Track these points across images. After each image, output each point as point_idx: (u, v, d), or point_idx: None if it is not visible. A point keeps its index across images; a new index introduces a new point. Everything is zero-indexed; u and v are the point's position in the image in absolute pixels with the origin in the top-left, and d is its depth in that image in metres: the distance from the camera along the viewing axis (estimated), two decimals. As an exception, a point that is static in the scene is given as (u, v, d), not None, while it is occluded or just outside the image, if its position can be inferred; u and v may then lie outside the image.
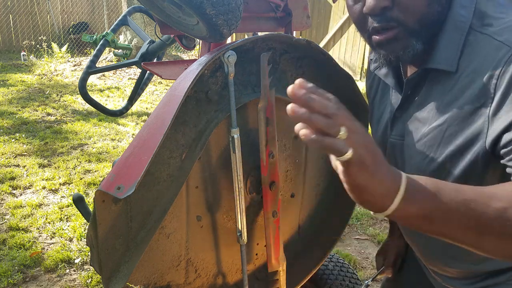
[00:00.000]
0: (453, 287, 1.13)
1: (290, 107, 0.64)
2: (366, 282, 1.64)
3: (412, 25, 0.89)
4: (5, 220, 3.21)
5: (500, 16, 0.87)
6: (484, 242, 0.65)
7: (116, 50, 2.04)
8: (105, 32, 1.87)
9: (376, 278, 1.40)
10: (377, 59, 1.01)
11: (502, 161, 0.80)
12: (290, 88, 0.65)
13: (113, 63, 7.74)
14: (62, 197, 3.61)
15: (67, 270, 2.69)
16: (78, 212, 2.12)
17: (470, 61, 0.87)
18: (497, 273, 1.01)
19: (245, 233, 1.27)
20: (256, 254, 1.48)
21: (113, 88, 7.39)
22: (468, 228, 0.64)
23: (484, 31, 0.87)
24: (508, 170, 0.77)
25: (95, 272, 2.66)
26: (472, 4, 0.90)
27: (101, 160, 4.37)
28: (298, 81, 0.67)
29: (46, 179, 3.87)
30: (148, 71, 1.89)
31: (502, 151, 0.79)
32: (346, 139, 0.63)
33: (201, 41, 1.57)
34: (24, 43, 10.29)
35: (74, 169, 4.11)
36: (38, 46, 9.81)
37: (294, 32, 1.64)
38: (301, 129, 0.64)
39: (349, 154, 0.63)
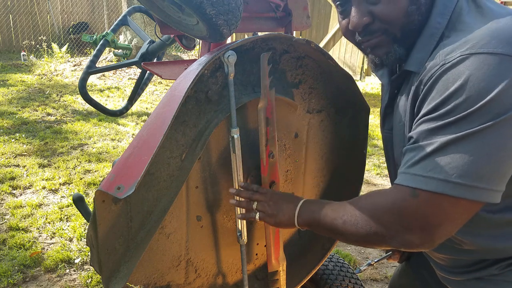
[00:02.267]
0: (445, 276, 1.16)
1: (230, 202, 1.21)
2: (369, 261, 1.65)
3: (394, 32, 0.99)
4: (5, 220, 3.20)
5: (463, 28, 0.92)
6: (339, 238, 1.04)
7: (116, 50, 2.04)
8: (105, 32, 1.87)
9: (382, 261, 1.41)
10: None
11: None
12: (231, 191, 1.21)
13: (113, 63, 7.74)
14: (62, 197, 3.61)
15: (67, 270, 2.69)
16: (78, 212, 2.12)
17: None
18: (480, 268, 1.04)
19: (245, 233, 1.27)
20: (256, 254, 1.48)
21: (113, 88, 7.39)
22: (327, 231, 1.04)
23: (444, 41, 0.94)
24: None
25: (95, 272, 2.65)
26: (449, 12, 0.96)
27: (101, 160, 4.37)
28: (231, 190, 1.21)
29: (46, 179, 3.87)
30: (148, 71, 1.89)
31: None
32: (257, 207, 1.16)
33: (201, 41, 1.57)
34: (24, 43, 10.29)
35: (74, 169, 4.12)
36: (38, 46, 9.81)
37: (294, 32, 1.64)
38: (237, 215, 1.23)
39: (256, 218, 1.16)
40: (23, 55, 9.22)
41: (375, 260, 1.64)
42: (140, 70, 1.94)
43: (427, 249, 0.91)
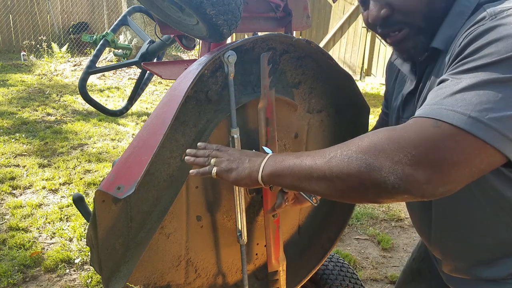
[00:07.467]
0: (451, 274, 1.13)
1: (186, 159, 1.07)
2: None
3: (417, 24, 0.94)
4: (5, 220, 3.20)
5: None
6: (316, 186, 0.85)
7: (116, 50, 2.04)
8: (105, 32, 1.87)
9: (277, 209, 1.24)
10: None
11: None
12: (187, 151, 1.08)
13: (113, 63, 7.74)
14: (62, 197, 3.61)
15: (67, 270, 2.69)
16: (78, 212, 2.12)
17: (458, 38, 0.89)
18: (490, 266, 1.01)
19: (245, 233, 1.27)
20: (256, 254, 1.48)
21: (113, 88, 7.39)
22: (300, 179, 0.87)
23: (482, 8, 0.86)
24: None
25: (95, 272, 2.65)
26: None
27: (101, 160, 4.37)
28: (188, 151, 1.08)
29: (46, 179, 3.87)
30: (148, 71, 1.89)
31: None
32: (215, 163, 1.02)
33: (201, 41, 1.57)
34: (24, 43, 10.29)
35: (74, 169, 4.11)
36: (38, 46, 9.81)
37: (294, 32, 1.64)
38: (190, 171, 1.05)
39: (213, 173, 1.01)
40: (23, 55, 9.23)
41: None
42: (140, 70, 1.94)
43: (428, 194, 0.75)
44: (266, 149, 1.17)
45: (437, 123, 0.74)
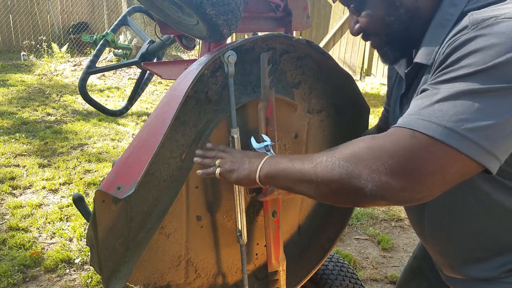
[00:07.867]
0: (450, 275, 1.13)
1: (195, 160, 1.14)
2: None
3: (382, 38, 1.05)
4: (5, 220, 3.20)
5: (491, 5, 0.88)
6: (304, 188, 0.91)
7: (116, 50, 2.04)
8: (105, 32, 1.87)
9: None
10: None
11: None
12: (197, 152, 1.15)
13: (113, 63, 7.74)
14: (62, 197, 3.61)
15: (67, 270, 2.69)
16: (78, 212, 2.12)
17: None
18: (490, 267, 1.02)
19: (245, 233, 1.27)
20: (256, 254, 1.48)
21: (113, 88, 7.39)
22: (292, 181, 0.93)
23: (470, 14, 0.87)
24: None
25: (95, 272, 2.65)
26: (463, 3, 0.93)
27: (101, 160, 4.37)
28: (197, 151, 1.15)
29: (46, 179, 3.87)
30: (148, 71, 1.89)
31: None
32: (219, 164, 1.09)
33: (201, 41, 1.57)
34: (24, 43, 10.29)
35: (74, 169, 4.11)
36: (38, 46, 9.81)
37: (294, 32, 1.64)
38: (197, 171, 1.13)
39: (216, 173, 1.09)
40: (23, 55, 9.22)
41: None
42: (140, 70, 1.94)
43: (404, 201, 0.80)
44: (265, 137, 1.20)
45: (414, 134, 0.78)
